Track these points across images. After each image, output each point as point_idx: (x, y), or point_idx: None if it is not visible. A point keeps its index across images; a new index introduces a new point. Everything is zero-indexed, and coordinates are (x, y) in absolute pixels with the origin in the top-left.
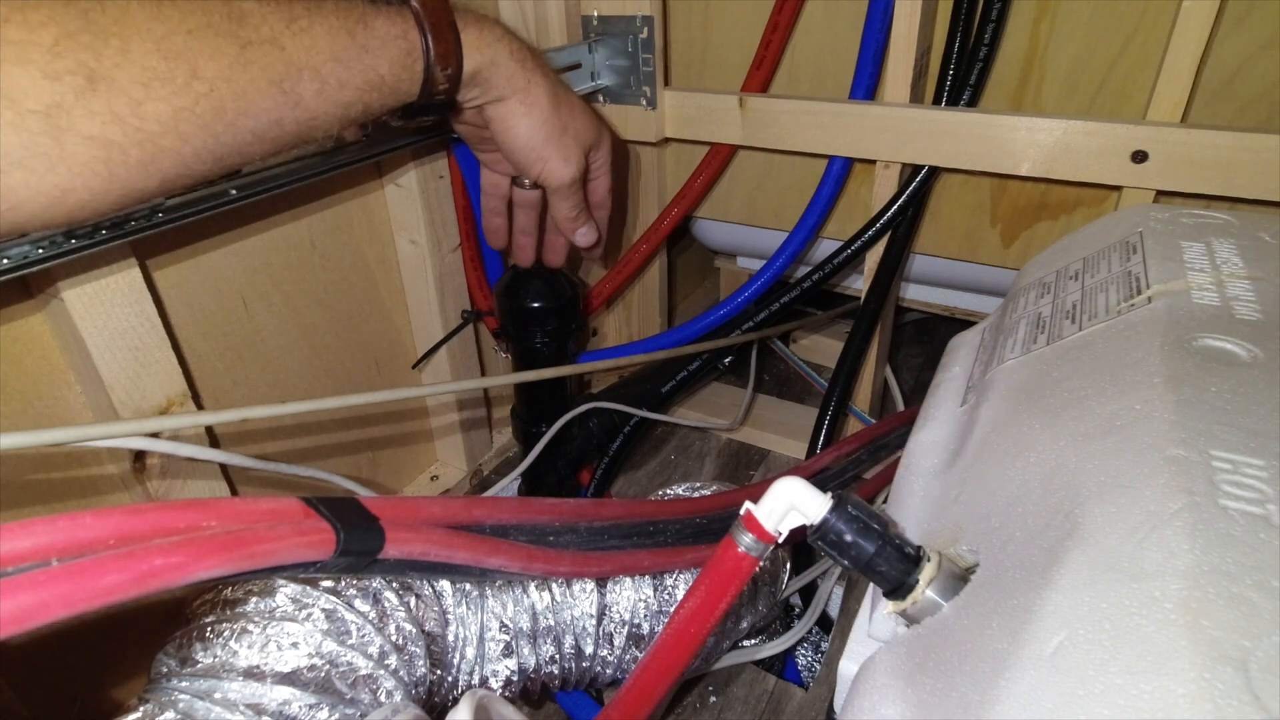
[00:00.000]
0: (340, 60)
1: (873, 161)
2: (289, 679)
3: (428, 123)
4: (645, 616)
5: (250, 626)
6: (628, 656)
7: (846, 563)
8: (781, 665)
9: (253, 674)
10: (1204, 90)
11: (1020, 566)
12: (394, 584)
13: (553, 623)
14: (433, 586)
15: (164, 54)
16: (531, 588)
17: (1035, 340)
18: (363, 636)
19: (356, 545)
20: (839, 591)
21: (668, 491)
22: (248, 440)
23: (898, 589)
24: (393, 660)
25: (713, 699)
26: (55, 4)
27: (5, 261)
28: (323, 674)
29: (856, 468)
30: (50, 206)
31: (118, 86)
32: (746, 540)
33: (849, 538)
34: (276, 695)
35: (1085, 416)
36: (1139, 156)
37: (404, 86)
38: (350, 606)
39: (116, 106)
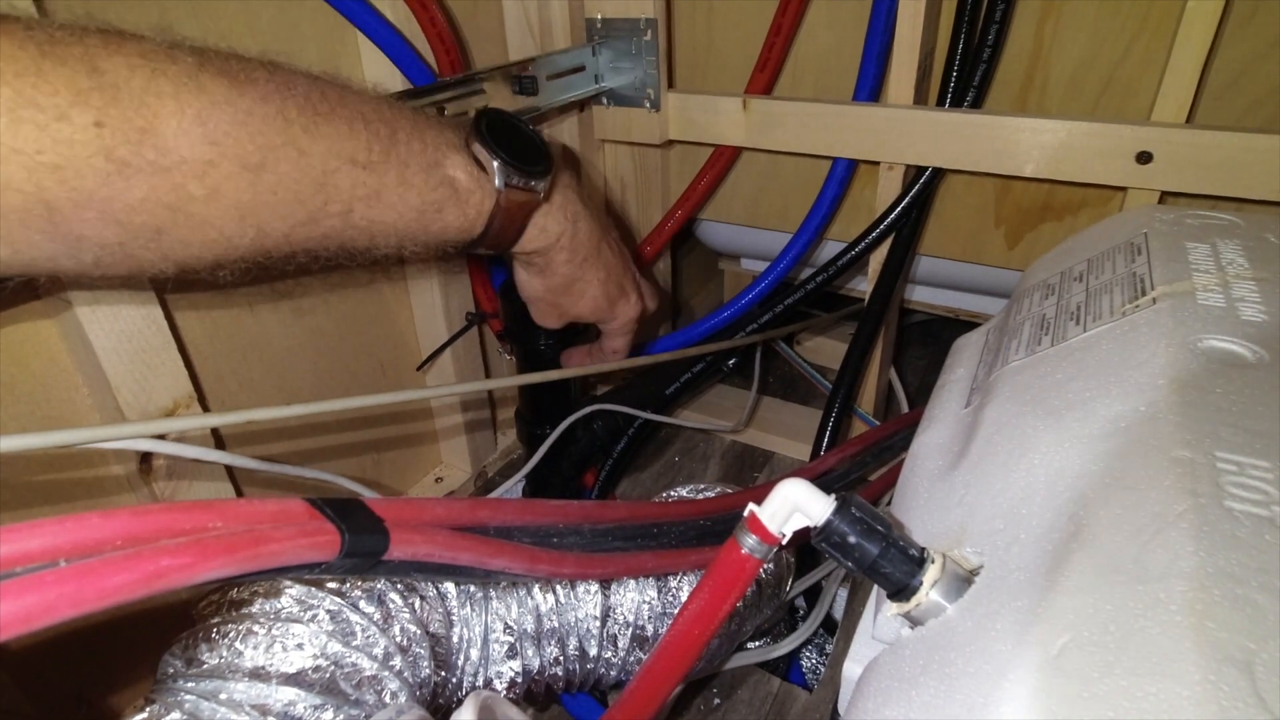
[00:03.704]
0: (399, 233)
1: (877, 163)
2: (294, 680)
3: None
4: (649, 618)
5: (256, 627)
6: (632, 658)
7: (850, 565)
8: (786, 667)
9: (258, 675)
10: (1209, 90)
11: (1025, 568)
12: (399, 585)
13: (557, 624)
14: (437, 588)
15: (240, 219)
16: (536, 589)
17: (1039, 342)
18: (368, 638)
19: (361, 547)
20: (843, 593)
21: (672, 493)
22: (253, 441)
23: (902, 591)
24: (397, 661)
25: (717, 701)
26: (156, 174)
27: None
28: (328, 675)
29: (861, 470)
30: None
31: (179, 238)
32: (750, 542)
33: (853, 539)
34: (282, 696)
35: (1090, 418)
36: (1144, 157)
37: (449, 245)
38: (355, 608)
39: (170, 250)
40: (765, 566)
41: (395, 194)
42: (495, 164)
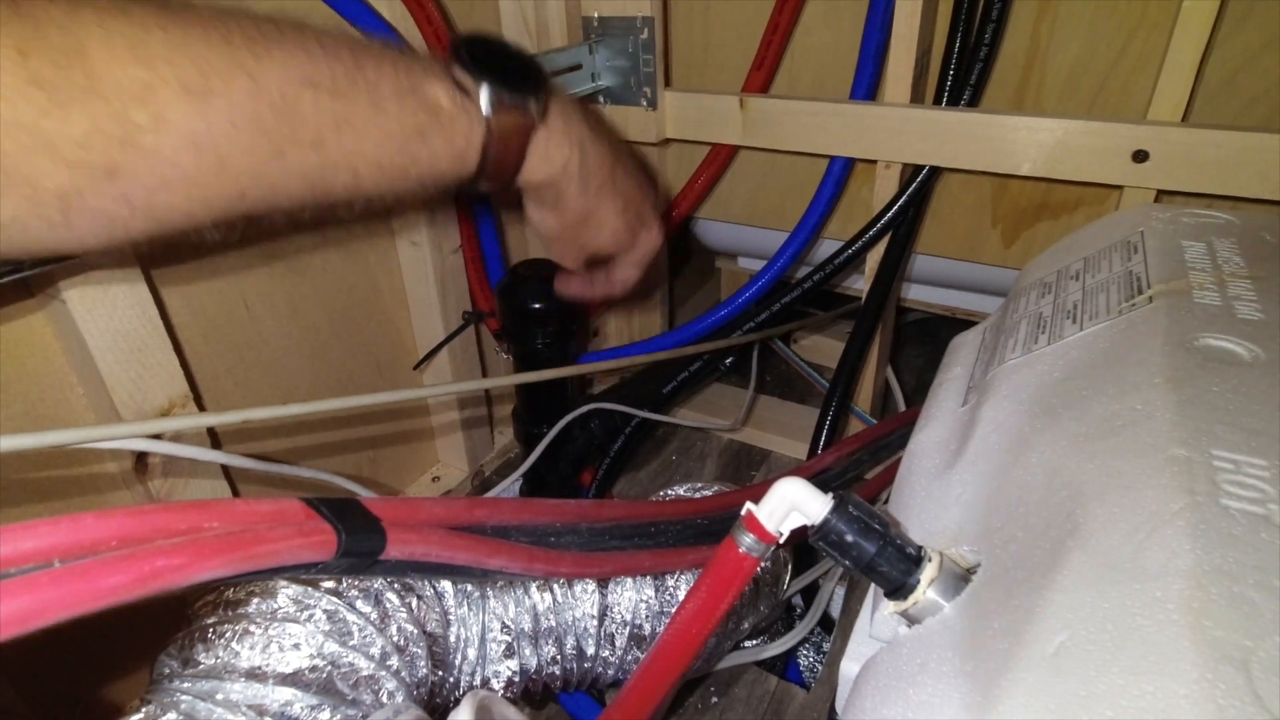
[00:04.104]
0: (382, 166)
1: (873, 161)
2: (291, 680)
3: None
4: (647, 617)
5: (252, 627)
6: (629, 657)
7: (848, 563)
8: (783, 666)
9: (255, 675)
10: (1205, 89)
11: (1021, 567)
12: (395, 585)
13: (554, 624)
14: (434, 587)
15: (197, 150)
16: (533, 589)
17: (1036, 340)
18: (364, 637)
19: (358, 546)
20: (840, 592)
21: (669, 492)
22: (249, 440)
23: (899, 589)
24: (394, 661)
25: (714, 700)
26: (91, 99)
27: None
28: (324, 675)
29: (858, 468)
30: (41, 253)
31: (139, 179)
32: (747, 541)
33: (850, 538)
34: (278, 696)
35: (1086, 416)
36: (1140, 156)
37: (445, 181)
38: (352, 607)
39: (133, 194)
40: (763, 565)
41: (369, 119)
42: (481, 86)
